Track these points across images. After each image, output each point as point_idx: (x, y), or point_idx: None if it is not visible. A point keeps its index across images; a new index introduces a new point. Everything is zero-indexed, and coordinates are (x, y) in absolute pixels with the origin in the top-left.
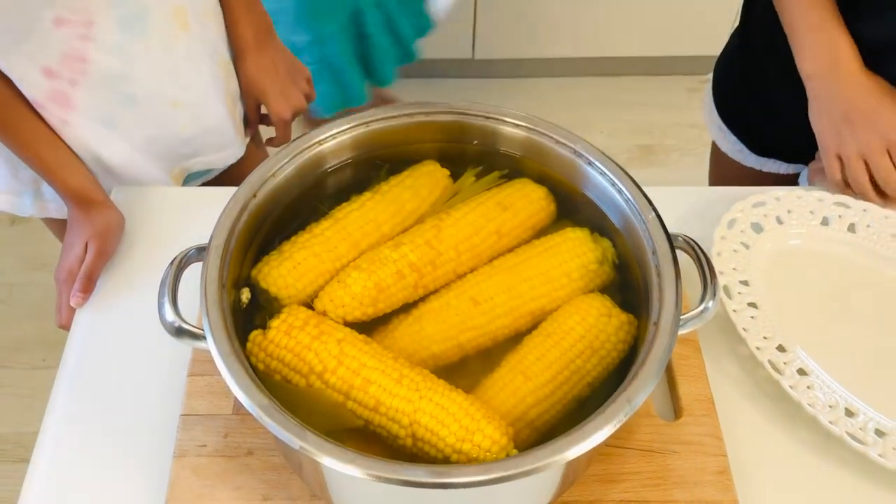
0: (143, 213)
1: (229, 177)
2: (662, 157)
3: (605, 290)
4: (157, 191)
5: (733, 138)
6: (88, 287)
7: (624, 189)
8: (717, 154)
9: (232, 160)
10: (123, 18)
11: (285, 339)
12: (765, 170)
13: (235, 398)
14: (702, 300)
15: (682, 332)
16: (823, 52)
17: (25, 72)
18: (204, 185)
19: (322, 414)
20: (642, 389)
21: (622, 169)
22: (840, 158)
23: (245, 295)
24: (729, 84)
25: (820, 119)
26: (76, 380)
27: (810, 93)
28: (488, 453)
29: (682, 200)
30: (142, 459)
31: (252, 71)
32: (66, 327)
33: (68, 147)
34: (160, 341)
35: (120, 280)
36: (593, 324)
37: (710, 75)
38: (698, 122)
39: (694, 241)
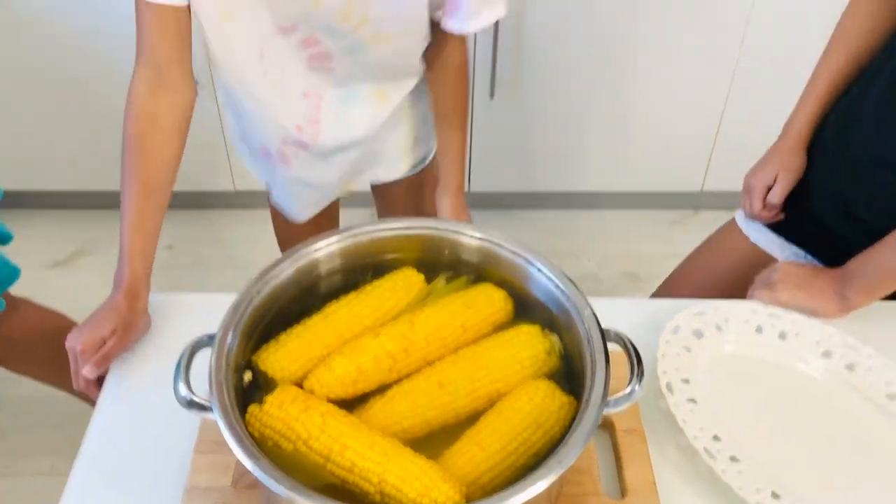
0: (168, 312)
1: None
2: (647, 284)
3: (552, 376)
4: (179, 296)
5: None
6: (103, 364)
7: (565, 290)
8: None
9: None
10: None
11: (278, 411)
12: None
13: (234, 471)
14: (629, 383)
15: (615, 410)
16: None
17: (285, 123)
18: None
19: (306, 473)
20: (571, 452)
21: (564, 273)
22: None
23: (247, 376)
24: None
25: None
26: (95, 455)
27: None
28: None
29: (634, 311)
30: None
31: (446, 204)
32: (83, 390)
33: (152, 242)
34: (172, 424)
35: (142, 369)
36: (539, 403)
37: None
38: (680, 252)
39: (624, 335)
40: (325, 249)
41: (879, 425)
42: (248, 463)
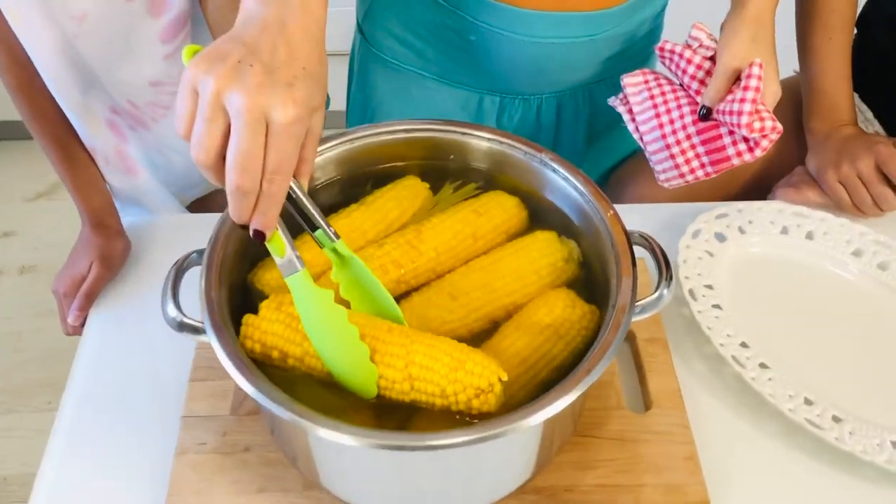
0: (151, 236)
1: None
2: None
3: (571, 285)
4: (163, 217)
5: None
6: (86, 306)
7: (585, 192)
8: None
9: None
10: None
11: (276, 313)
12: None
13: (233, 397)
14: (657, 287)
15: (642, 317)
16: (827, 115)
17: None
18: None
19: (315, 383)
20: (601, 361)
21: (582, 174)
22: (842, 184)
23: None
24: None
25: (818, 160)
26: (84, 390)
27: (811, 144)
28: (480, 377)
29: (651, 216)
30: (146, 460)
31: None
32: (71, 334)
33: (98, 171)
34: (163, 351)
35: (127, 296)
36: (559, 314)
37: None
38: None
39: (649, 236)
40: (318, 157)
41: None
42: (245, 385)
